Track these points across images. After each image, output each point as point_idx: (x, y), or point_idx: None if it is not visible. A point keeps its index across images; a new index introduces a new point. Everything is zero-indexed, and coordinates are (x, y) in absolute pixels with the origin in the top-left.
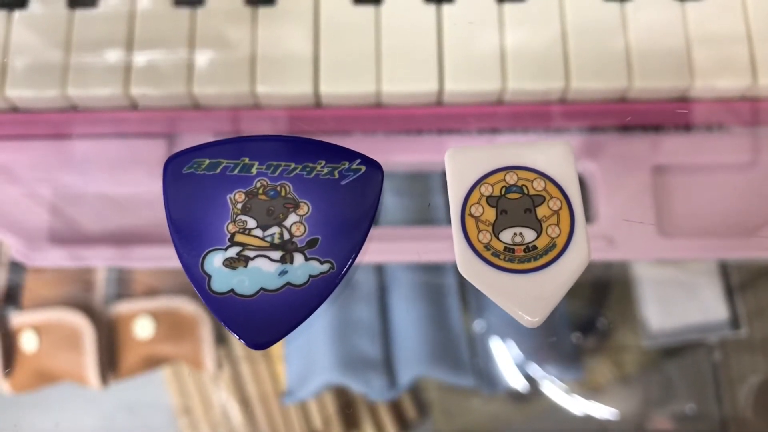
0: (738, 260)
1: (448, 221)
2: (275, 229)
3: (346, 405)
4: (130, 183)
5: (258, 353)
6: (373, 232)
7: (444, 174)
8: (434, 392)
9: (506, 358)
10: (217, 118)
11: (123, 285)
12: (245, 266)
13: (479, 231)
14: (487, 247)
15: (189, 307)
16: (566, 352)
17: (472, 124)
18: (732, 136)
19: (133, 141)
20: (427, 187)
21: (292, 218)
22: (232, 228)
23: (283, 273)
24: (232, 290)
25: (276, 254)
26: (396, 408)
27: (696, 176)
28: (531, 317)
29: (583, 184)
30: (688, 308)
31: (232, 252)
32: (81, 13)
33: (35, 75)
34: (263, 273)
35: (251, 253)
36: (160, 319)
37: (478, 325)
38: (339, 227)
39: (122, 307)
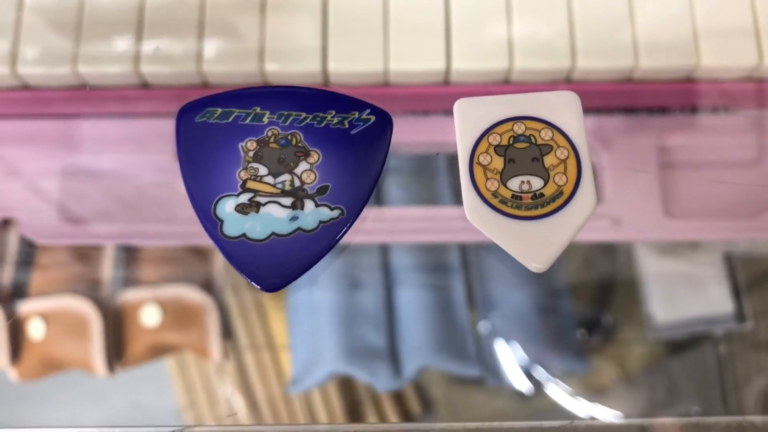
0: (744, 253)
1: (455, 203)
2: (286, 177)
3: (352, 401)
4: (139, 162)
5: (262, 344)
6: (379, 213)
7: (450, 155)
8: (439, 388)
9: (511, 350)
10: None
11: (130, 273)
12: (257, 212)
13: (487, 179)
14: (495, 194)
15: (196, 295)
16: (572, 347)
17: None
18: (738, 118)
19: (142, 121)
20: (431, 177)
21: (303, 166)
22: (244, 175)
23: (294, 218)
24: (244, 235)
25: (287, 200)
26: (401, 404)
27: (702, 157)
28: (537, 263)
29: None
30: (693, 301)
31: (244, 198)
32: None
33: (47, 53)
34: (274, 218)
35: (263, 200)
36: (166, 308)
37: (482, 321)
38: (349, 175)
39: (129, 295)
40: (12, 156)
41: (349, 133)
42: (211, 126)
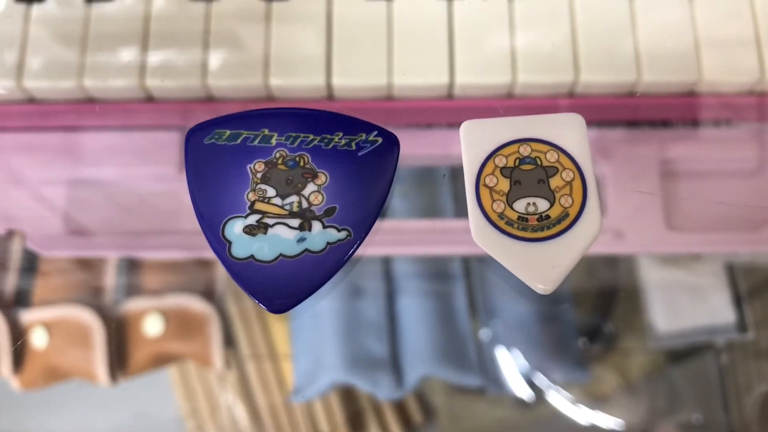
0: (746, 263)
1: (457, 215)
2: (294, 198)
3: (353, 411)
4: (143, 176)
5: (264, 354)
6: (383, 225)
7: (452, 168)
8: (441, 396)
9: (512, 360)
10: (231, 111)
11: (133, 282)
12: (265, 233)
13: (493, 201)
14: (501, 216)
15: (198, 305)
16: (573, 355)
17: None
18: (740, 132)
19: (147, 134)
20: (434, 191)
21: (311, 187)
22: (252, 196)
23: (301, 240)
24: (252, 256)
25: (295, 222)
26: (402, 412)
27: (704, 171)
28: (543, 285)
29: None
30: (695, 310)
31: (252, 219)
32: (98, 8)
33: (52, 66)
34: (282, 240)
35: (270, 221)
36: (169, 317)
37: (484, 330)
38: (356, 196)
39: (132, 305)
40: (18, 168)
41: (356, 154)
42: (220, 147)
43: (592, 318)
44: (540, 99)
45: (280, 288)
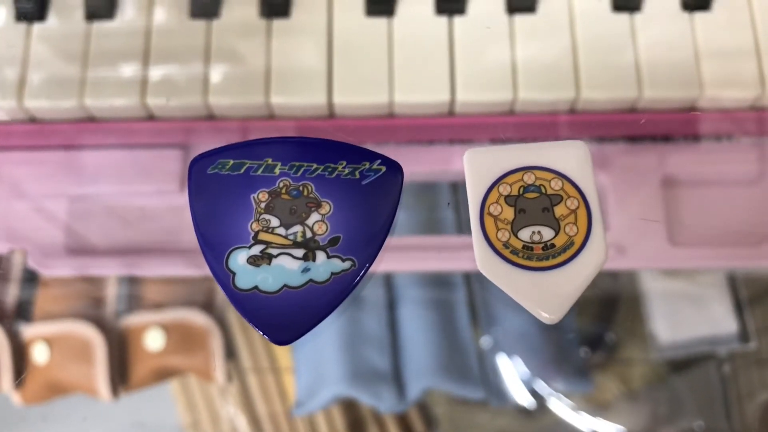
0: (747, 273)
1: (458, 231)
2: (298, 228)
3: (355, 421)
4: (144, 193)
5: (266, 367)
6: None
7: (453, 184)
8: (442, 407)
9: (515, 372)
10: (231, 129)
11: (134, 297)
12: (269, 264)
13: (498, 229)
14: (506, 245)
15: (199, 319)
16: (575, 366)
17: (483, 135)
18: (741, 146)
19: (148, 151)
20: (435, 201)
21: (315, 217)
22: (255, 226)
23: (305, 270)
24: (256, 287)
25: (299, 252)
26: (404, 423)
27: (705, 186)
28: (549, 314)
29: None
30: (697, 321)
31: (256, 250)
32: (98, 26)
33: (53, 86)
34: (286, 270)
35: (274, 251)
36: (170, 331)
37: (486, 342)
38: (360, 226)
39: (133, 319)
40: (20, 186)
41: (360, 183)
42: (223, 177)
43: (594, 328)
44: (541, 115)
45: (285, 319)
